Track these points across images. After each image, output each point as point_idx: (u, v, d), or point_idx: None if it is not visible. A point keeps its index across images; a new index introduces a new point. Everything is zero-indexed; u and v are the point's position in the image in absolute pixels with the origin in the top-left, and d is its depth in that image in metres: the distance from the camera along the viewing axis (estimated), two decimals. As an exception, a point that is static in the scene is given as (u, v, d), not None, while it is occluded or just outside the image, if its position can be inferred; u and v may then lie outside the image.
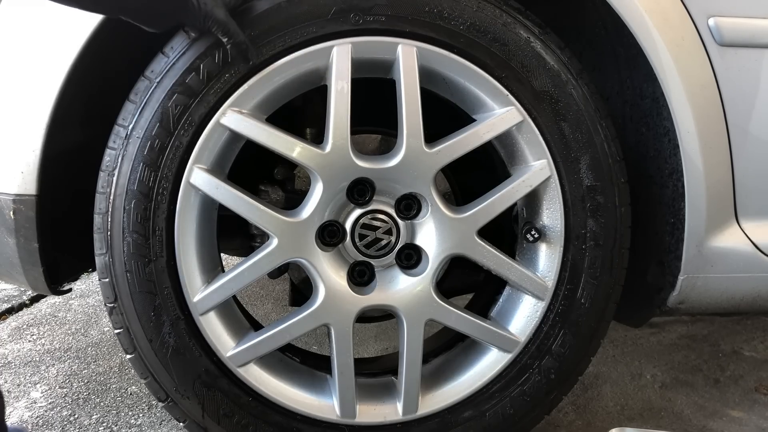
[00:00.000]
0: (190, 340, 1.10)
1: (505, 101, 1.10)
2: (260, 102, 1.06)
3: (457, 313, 1.16)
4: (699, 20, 1.12)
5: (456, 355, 1.26)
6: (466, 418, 1.19)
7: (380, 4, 1.05)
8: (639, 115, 1.27)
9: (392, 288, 1.16)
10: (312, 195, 1.10)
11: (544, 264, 1.17)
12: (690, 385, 1.70)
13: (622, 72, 1.29)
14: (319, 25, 1.04)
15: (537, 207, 1.17)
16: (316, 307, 1.12)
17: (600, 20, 1.25)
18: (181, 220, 1.07)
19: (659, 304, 1.27)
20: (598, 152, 1.13)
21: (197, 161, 1.05)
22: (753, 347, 1.94)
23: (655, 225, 1.26)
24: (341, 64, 1.05)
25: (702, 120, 1.13)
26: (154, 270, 1.07)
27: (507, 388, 1.19)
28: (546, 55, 1.10)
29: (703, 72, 1.13)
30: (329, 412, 1.16)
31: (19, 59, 1.08)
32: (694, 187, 1.16)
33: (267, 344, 1.13)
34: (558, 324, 1.17)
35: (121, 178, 1.05)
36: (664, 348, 1.93)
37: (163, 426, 1.46)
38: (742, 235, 1.21)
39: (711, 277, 1.22)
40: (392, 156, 1.10)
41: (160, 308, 1.08)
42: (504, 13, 1.09)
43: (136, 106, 1.05)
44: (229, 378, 1.12)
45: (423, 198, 1.13)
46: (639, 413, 1.55)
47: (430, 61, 1.08)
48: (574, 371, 1.21)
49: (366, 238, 1.14)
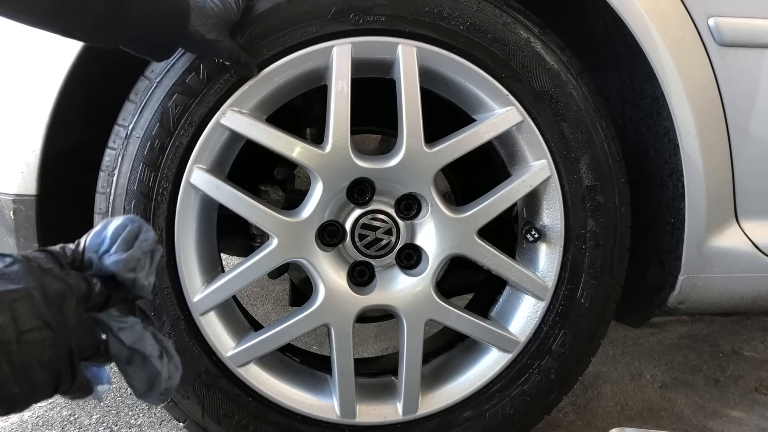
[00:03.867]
0: (190, 340, 1.10)
1: (505, 101, 1.10)
2: (260, 102, 1.06)
3: (457, 313, 1.16)
4: (699, 20, 1.12)
5: (456, 355, 1.26)
6: (466, 418, 1.19)
7: (380, 4, 1.05)
8: (639, 115, 1.27)
9: (392, 288, 1.16)
10: (312, 195, 1.10)
11: (544, 264, 1.17)
12: (690, 385, 1.70)
13: (622, 72, 1.29)
14: (319, 25, 1.04)
15: (537, 207, 1.17)
16: (316, 307, 1.12)
17: (600, 20, 1.25)
18: (181, 220, 1.07)
19: (659, 304, 1.27)
20: (598, 152, 1.13)
21: (197, 161, 1.05)
22: (753, 347, 1.94)
23: (655, 225, 1.26)
24: (341, 64, 1.05)
25: (702, 120, 1.13)
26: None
27: (507, 388, 1.19)
28: (546, 55, 1.10)
29: (703, 72, 1.13)
30: (329, 412, 1.16)
31: (19, 59, 1.08)
32: (694, 187, 1.16)
33: (267, 344, 1.13)
34: (558, 324, 1.17)
35: (121, 178, 1.05)
36: (664, 348, 1.93)
37: (163, 426, 1.46)
38: (742, 235, 1.21)
39: (711, 277, 1.22)
40: (392, 156, 1.10)
41: (160, 308, 1.08)
42: (504, 13, 1.09)
43: (136, 106, 1.05)
44: (229, 378, 1.12)
45: (423, 198, 1.13)
46: (639, 413, 1.54)
47: (430, 61, 1.08)
48: (574, 371, 1.21)
49: (366, 238, 1.13)
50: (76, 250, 0.69)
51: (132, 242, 0.69)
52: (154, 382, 0.71)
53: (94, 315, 0.67)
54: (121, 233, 0.69)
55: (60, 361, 0.60)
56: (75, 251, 0.69)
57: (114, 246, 0.69)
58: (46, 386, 0.60)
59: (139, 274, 0.69)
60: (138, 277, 0.69)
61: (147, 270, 0.70)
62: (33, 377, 0.58)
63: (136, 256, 0.69)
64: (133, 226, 0.70)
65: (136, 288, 0.70)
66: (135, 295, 0.71)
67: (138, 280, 0.69)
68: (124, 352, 0.69)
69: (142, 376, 0.70)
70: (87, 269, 0.68)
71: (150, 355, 0.70)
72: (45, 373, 0.59)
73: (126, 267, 0.68)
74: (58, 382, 0.61)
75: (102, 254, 0.69)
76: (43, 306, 0.60)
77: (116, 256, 0.68)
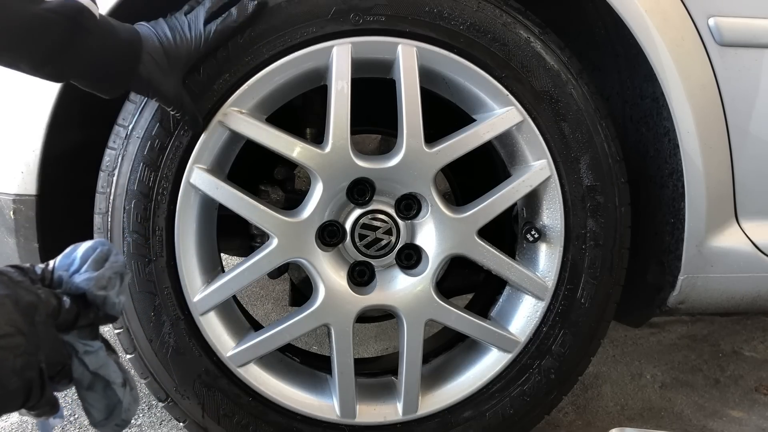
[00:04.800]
0: (190, 340, 1.10)
1: (505, 101, 1.10)
2: (260, 102, 1.06)
3: (457, 313, 1.16)
4: (699, 20, 1.12)
5: (456, 355, 1.26)
6: (466, 418, 1.19)
7: (380, 4, 1.05)
8: (639, 115, 1.27)
9: (392, 288, 1.16)
10: (312, 195, 1.10)
11: (544, 264, 1.17)
12: (690, 385, 1.69)
13: (622, 72, 1.29)
14: (319, 25, 1.04)
15: (537, 207, 1.17)
16: (316, 307, 1.12)
17: (600, 20, 1.25)
18: (181, 220, 1.07)
19: (659, 304, 1.27)
20: (598, 152, 1.13)
21: (197, 161, 1.05)
22: (753, 347, 1.94)
23: (655, 225, 1.26)
24: (341, 64, 1.05)
25: (702, 120, 1.13)
26: (154, 270, 1.07)
27: (507, 388, 1.19)
28: (546, 55, 1.10)
29: (703, 72, 1.13)
30: (329, 412, 1.16)
31: (19, 59, 1.08)
32: (694, 187, 1.16)
33: (267, 344, 1.13)
34: (558, 324, 1.17)
35: (121, 178, 1.05)
36: (664, 348, 1.93)
37: (163, 426, 1.46)
38: (742, 235, 1.21)
39: (711, 277, 1.22)
40: (392, 156, 1.10)
41: (160, 308, 1.08)
42: (504, 13, 1.09)
43: (136, 106, 1.05)
44: (229, 378, 1.12)
45: (423, 198, 1.13)
46: (639, 413, 1.54)
47: (430, 61, 1.08)
48: (574, 371, 1.21)
49: (366, 238, 1.13)
50: (46, 268, 0.70)
51: (102, 263, 0.71)
52: (113, 411, 0.71)
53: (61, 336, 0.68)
54: (91, 254, 0.71)
55: (32, 370, 0.61)
56: (45, 270, 0.70)
57: (85, 265, 0.70)
58: (17, 394, 0.60)
59: (110, 291, 0.70)
60: (109, 295, 0.70)
61: (117, 289, 0.71)
62: (5, 383, 0.58)
63: (107, 274, 0.70)
64: (104, 248, 0.72)
65: (106, 306, 0.70)
66: (105, 314, 0.71)
67: (109, 298, 0.70)
68: (87, 377, 0.69)
69: (101, 404, 0.71)
70: (57, 287, 0.69)
71: (113, 382, 0.70)
72: (17, 381, 0.59)
73: (97, 285, 0.69)
74: (29, 392, 0.61)
75: (72, 273, 0.70)
76: (15, 313, 0.60)
77: (87, 274, 0.69)
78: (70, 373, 0.69)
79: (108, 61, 0.88)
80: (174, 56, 0.94)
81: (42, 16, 0.78)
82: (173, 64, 0.94)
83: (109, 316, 0.72)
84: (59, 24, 0.80)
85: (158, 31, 0.93)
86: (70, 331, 0.69)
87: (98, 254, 0.70)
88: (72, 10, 0.81)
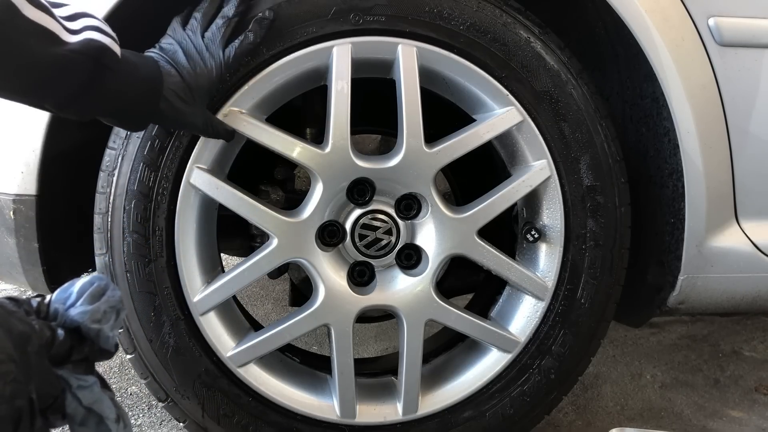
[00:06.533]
0: (190, 340, 1.10)
1: (505, 101, 1.10)
2: (260, 102, 1.06)
3: (457, 313, 1.16)
4: (699, 20, 1.12)
5: (456, 355, 1.26)
6: (466, 418, 1.19)
7: (380, 4, 1.05)
8: (639, 115, 1.27)
9: (392, 288, 1.16)
10: (312, 195, 1.10)
11: (544, 264, 1.17)
12: (690, 385, 1.70)
13: (622, 72, 1.29)
14: (319, 25, 1.04)
15: (537, 207, 1.17)
16: (316, 308, 1.12)
17: (600, 20, 1.25)
18: (181, 220, 1.07)
19: (659, 304, 1.27)
20: (598, 152, 1.13)
21: (197, 161, 1.05)
22: (753, 347, 1.94)
23: (655, 225, 1.26)
24: (341, 64, 1.05)
25: (702, 120, 1.13)
26: (154, 270, 1.07)
27: (507, 389, 1.19)
28: (546, 55, 1.10)
29: (703, 72, 1.13)
30: (329, 412, 1.16)
31: (19, 59, 1.08)
32: (694, 187, 1.16)
33: (267, 344, 1.13)
34: (558, 324, 1.17)
35: (121, 178, 1.05)
36: (664, 348, 1.93)
37: (163, 426, 1.46)
38: (742, 235, 1.21)
39: (711, 277, 1.22)
40: (392, 156, 1.10)
41: (160, 308, 1.08)
42: (504, 13, 1.09)
43: (136, 106, 1.05)
44: (229, 378, 1.12)
45: (423, 198, 1.13)
46: (639, 413, 1.54)
47: (430, 61, 1.08)
48: (574, 371, 1.21)
49: (366, 238, 1.13)
50: (42, 301, 0.71)
51: (99, 297, 0.71)
52: None
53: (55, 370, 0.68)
54: (88, 288, 0.71)
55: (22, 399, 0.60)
56: (41, 302, 0.71)
57: (81, 299, 0.70)
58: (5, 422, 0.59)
59: (104, 325, 0.70)
60: (103, 329, 0.70)
61: (112, 323, 0.71)
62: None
63: (102, 308, 0.70)
64: (101, 283, 0.72)
65: (100, 339, 0.71)
66: (99, 349, 0.71)
67: (103, 332, 0.70)
68: (80, 412, 0.69)
69: None
70: (52, 320, 0.69)
71: (107, 417, 0.70)
72: (6, 408, 0.58)
73: (91, 318, 0.69)
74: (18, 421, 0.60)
75: (69, 307, 0.70)
76: (7, 341, 0.60)
77: (82, 308, 0.70)
78: (63, 408, 0.68)
79: (130, 101, 0.88)
80: (196, 87, 0.94)
81: (65, 57, 0.78)
82: (197, 94, 0.94)
83: (104, 351, 0.72)
84: (83, 64, 0.79)
85: (177, 62, 0.93)
86: (65, 365, 0.69)
87: (95, 288, 0.71)
88: (95, 50, 0.80)
